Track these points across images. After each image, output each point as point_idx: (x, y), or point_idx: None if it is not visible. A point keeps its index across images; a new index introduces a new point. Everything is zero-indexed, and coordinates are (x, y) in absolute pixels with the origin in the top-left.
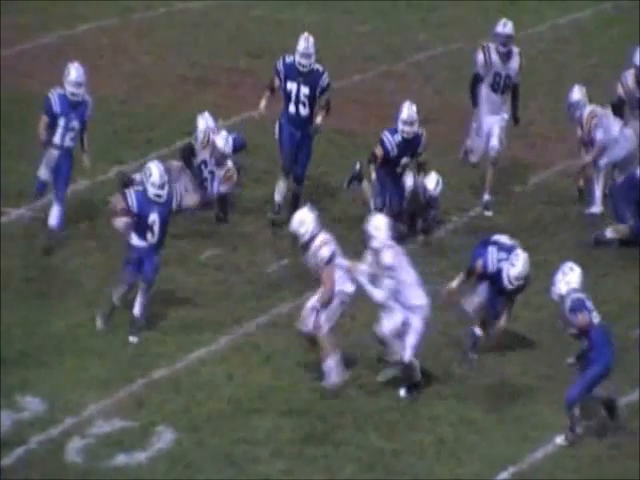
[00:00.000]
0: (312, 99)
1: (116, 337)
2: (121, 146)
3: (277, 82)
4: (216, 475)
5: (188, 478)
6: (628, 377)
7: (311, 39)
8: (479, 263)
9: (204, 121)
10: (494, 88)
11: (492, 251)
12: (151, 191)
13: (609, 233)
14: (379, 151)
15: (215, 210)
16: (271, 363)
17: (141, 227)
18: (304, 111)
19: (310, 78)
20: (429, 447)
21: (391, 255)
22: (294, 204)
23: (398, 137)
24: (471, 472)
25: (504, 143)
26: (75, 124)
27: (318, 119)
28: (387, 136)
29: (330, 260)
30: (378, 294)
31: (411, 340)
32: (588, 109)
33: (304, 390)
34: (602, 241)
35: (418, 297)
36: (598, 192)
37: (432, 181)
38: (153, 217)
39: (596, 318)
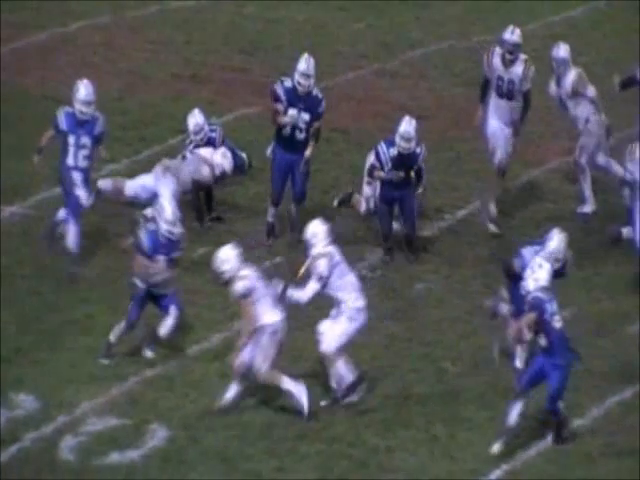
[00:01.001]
0: (309, 125)
1: (109, 335)
2: (114, 144)
3: (281, 107)
4: (209, 473)
5: (181, 476)
6: (621, 375)
7: (312, 60)
8: (516, 264)
9: (194, 119)
10: (499, 93)
11: (525, 251)
12: (164, 228)
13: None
14: (378, 173)
15: (206, 214)
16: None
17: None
18: (300, 136)
19: (310, 104)
20: (422, 444)
21: (325, 264)
22: (292, 225)
23: (394, 151)
24: (464, 469)
25: (510, 154)
26: (86, 141)
27: (307, 151)
28: (382, 148)
29: (245, 295)
30: (303, 295)
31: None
32: (573, 72)
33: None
34: (617, 239)
35: (357, 300)
36: (587, 191)
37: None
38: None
39: (558, 322)
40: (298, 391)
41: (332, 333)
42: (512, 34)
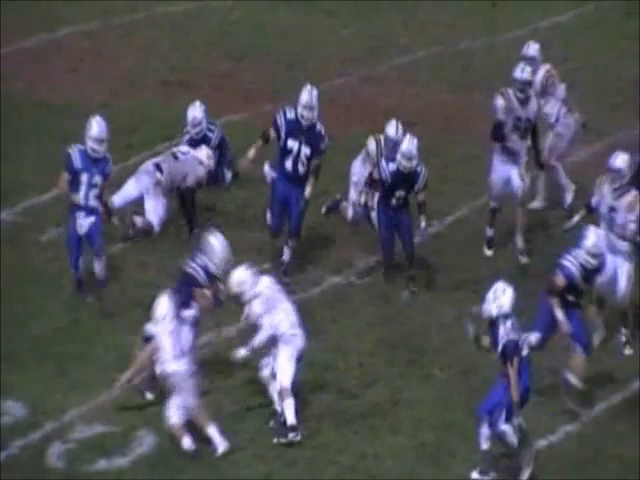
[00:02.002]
0: (311, 160)
1: (97, 341)
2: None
3: (273, 134)
4: (197, 479)
5: None
6: (610, 380)
7: (314, 91)
8: (559, 277)
9: (193, 111)
10: (519, 134)
11: (566, 260)
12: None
13: None
14: (375, 175)
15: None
16: (251, 367)
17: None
18: (301, 170)
19: (312, 139)
20: (410, 451)
21: (260, 304)
22: (283, 256)
23: (394, 166)
24: (452, 475)
25: (526, 180)
26: (98, 180)
27: (307, 190)
28: (383, 163)
29: (147, 340)
30: (257, 341)
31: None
32: (543, 69)
33: None
34: None
35: (291, 328)
36: (564, 180)
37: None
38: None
39: (525, 350)
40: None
41: (280, 368)
42: (522, 72)
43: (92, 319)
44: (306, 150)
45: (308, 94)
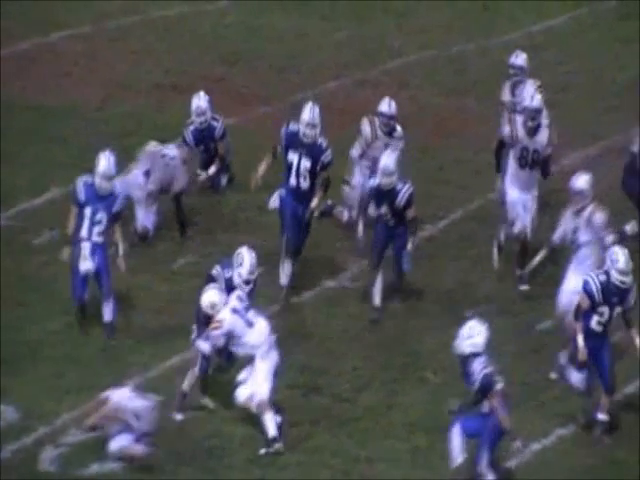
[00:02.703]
0: (313, 174)
1: (90, 345)
2: (96, 153)
3: (280, 148)
4: None
5: None
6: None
7: (316, 109)
8: (583, 297)
9: (197, 101)
10: (521, 164)
11: (588, 278)
12: (240, 279)
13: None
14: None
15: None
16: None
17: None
18: (304, 184)
19: (312, 151)
20: (404, 454)
21: (230, 322)
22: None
23: (374, 182)
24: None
25: (534, 222)
26: (102, 217)
27: (314, 201)
28: (370, 182)
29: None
30: (204, 347)
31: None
32: (532, 85)
33: (279, 397)
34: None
35: (262, 345)
36: None
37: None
38: None
39: (499, 384)
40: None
41: (258, 383)
42: (532, 100)
43: (86, 324)
44: (306, 163)
45: (310, 112)
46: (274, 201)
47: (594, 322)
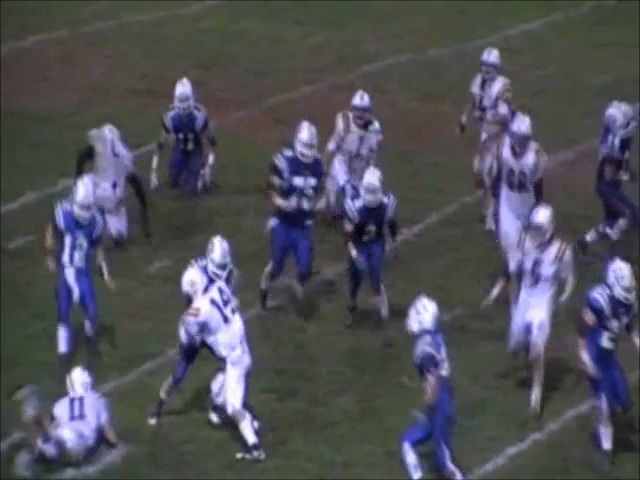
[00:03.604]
0: (316, 189)
1: None
2: (71, 158)
3: (277, 181)
4: None
5: None
6: (578, 388)
7: (313, 129)
8: (588, 314)
9: (181, 87)
10: (510, 185)
11: (596, 291)
12: (213, 265)
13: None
14: (348, 226)
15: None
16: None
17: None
18: (307, 205)
19: (313, 168)
20: (380, 459)
21: (206, 313)
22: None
23: (359, 203)
24: None
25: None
26: (83, 242)
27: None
28: (348, 204)
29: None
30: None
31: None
32: (502, 81)
33: (254, 402)
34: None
35: (233, 349)
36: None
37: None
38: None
39: (445, 370)
40: None
41: (230, 390)
42: (520, 126)
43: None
44: (312, 181)
45: (307, 132)
46: (269, 226)
47: (605, 339)
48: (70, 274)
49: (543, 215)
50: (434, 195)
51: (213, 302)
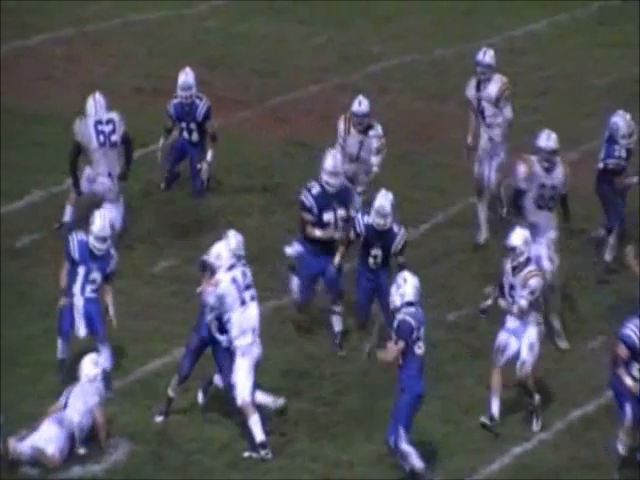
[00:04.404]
0: (347, 219)
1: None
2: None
3: (308, 217)
4: None
5: None
6: (584, 388)
7: (338, 156)
8: (622, 349)
9: (184, 76)
10: (539, 204)
11: (628, 329)
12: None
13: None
14: (351, 235)
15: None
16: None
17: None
18: (338, 235)
19: (341, 197)
20: (384, 458)
21: (226, 287)
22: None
23: (368, 219)
24: None
25: (556, 261)
26: (96, 276)
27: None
28: (358, 218)
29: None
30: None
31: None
32: (500, 79)
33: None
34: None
35: (244, 337)
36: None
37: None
38: None
39: (420, 349)
40: None
41: (239, 382)
42: (548, 140)
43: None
44: (341, 212)
45: (332, 160)
46: (294, 251)
47: (636, 370)
48: (79, 308)
49: (518, 237)
50: (438, 195)
51: (234, 280)
